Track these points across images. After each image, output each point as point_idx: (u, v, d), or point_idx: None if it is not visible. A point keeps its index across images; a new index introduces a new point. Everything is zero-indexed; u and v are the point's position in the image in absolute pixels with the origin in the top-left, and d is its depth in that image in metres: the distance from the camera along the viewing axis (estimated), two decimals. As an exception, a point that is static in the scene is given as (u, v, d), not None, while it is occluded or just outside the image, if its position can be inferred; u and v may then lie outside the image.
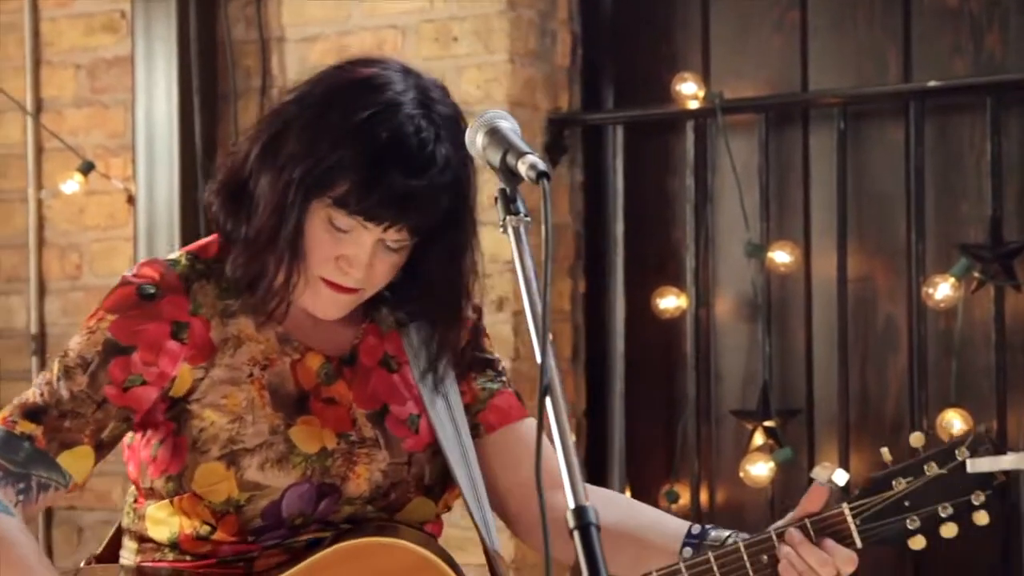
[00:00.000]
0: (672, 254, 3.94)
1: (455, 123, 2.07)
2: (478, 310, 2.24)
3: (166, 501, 2.11)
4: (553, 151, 3.97)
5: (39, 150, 4.39)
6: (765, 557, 2.07)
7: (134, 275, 2.11)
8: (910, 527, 2.07)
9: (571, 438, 1.72)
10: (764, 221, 3.81)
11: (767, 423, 3.75)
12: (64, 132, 4.32)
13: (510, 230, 1.84)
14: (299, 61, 4.11)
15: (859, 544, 2.07)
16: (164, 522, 2.12)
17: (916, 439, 2.12)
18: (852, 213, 3.75)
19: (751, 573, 2.06)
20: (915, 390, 3.66)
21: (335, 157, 2.02)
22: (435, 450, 2.13)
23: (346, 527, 2.09)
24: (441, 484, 2.15)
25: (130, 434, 2.14)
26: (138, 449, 2.14)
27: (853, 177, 3.75)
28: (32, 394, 2.08)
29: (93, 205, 4.33)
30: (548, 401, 1.72)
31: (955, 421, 3.51)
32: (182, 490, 2.09)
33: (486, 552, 2.12)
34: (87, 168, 4.25)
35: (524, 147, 1.88)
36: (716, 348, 3.88)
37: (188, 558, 2.10)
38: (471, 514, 2.13)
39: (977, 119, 3.66)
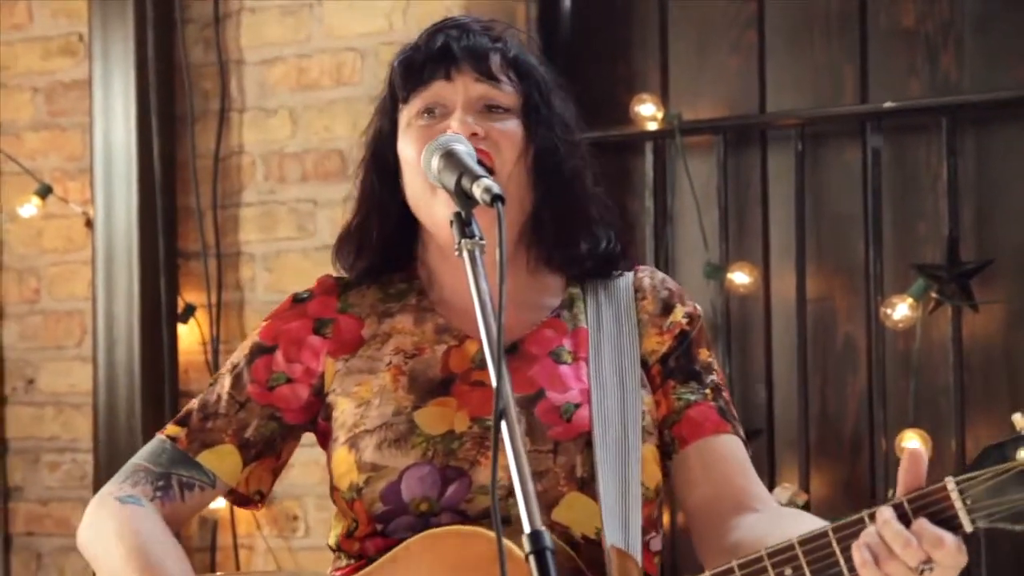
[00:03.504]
0: (632, 275, 3.94)
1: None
2: (693, 317, 2.16)
3: (336, 506, 2.11)
4: (512, 173, 3.96)
5: (-4, 174, 4.38)
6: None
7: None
8: None
9: (526, 464, 1.71)
10: (723, 242, 3.82)
11: (727, 444, 3.75)
12: (22, 155, 4.30)
13: (465, 253, 1.85)
14: (258, 83, 4.11)
15: (968, 527, 1.73)
16: (334, 527, 2.11)
17: None
18: (810, 234, 3.76)
19: (842, 563, 1.78)
20: (874, 410, 3.67)
21: (386, 86, 2.17)
22: (588, 442, 2.01)
23: (485, 525, 1.97)
24: (596, 479, 2.00)
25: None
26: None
27: (811, 198, 3.77)
28: (188, 404, 2.15)
29: (51, 229, 4.31)
30: (503, 426, 1.73)
31: (914, 441, 3.52)
32: (333, 488, 2.08)
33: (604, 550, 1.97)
34: (45, 192, 4.23)
35: (479, 170, 1.90)
36: (676, 369, 3.88)
37: (351, 562, 2.07)
38: (601, 508, 1.98)
39: (933, 140, 3.67)
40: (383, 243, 2.14)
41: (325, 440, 2.13)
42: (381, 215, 2.14)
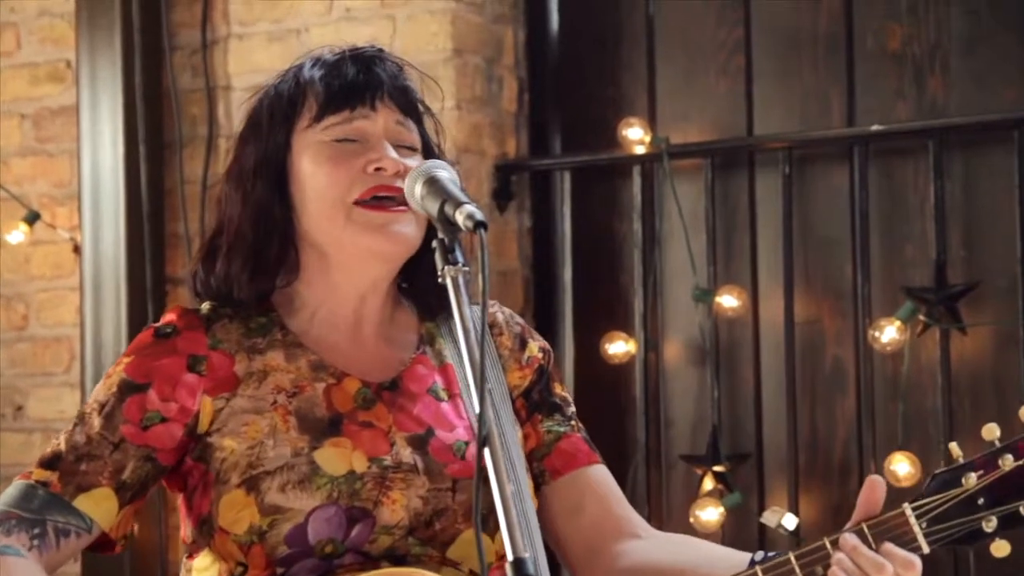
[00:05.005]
0: (620, 299, 3.95)
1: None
2: (546, 351, 2.19)
3: (207, 549, 2.03)
4: (501, 197, 3.97)
5: (-16, 200, 4.37)
6: (820, 568, 1.88)
7: (155, 322, 2.09)
8: (986, 529, 1.85)
9: (509, 489, 1.71)
10: (711, 265, 3.81)
11: (717, 468, 3.75)
12: (9, 182, 4.30)
13: (448, 280, 1.85)
14: (245, 109, 4.09)
15: (925, 549, 1.87)
16: (206, 570, 2.04)
17: (989, 431, 1.88)
18: (798, 257, 3.76)
19: None
20: (863, 433, 3.67)
21: (284, 101, 2.09)
22: (484, 478, 1.98)
23: (386, 566, 1.97)
24: (496, 517, 1.94)
25: (180, 496, 2.08)
26: (183, 505, 2.08)
27: (798, 221, 3.77)
28: (51, 445, 2.04)
29: (39, 255, 4.30)
30: (487, 452, 1.72)
31: (903, 464, 3.52)
32: (214, 530, 2.01)
33: None
34: (32, 218, 4.22)
35: (462, 197, 1.89)
36: (665, 393, 3.88)
37: None
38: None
39: (920, 162, 3.68)
40: (278, 265, 2.08)
41: (183, 482, 2.07)
42: (281, 234, 2.07)
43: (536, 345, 2.18)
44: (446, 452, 2.03)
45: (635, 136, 3.85)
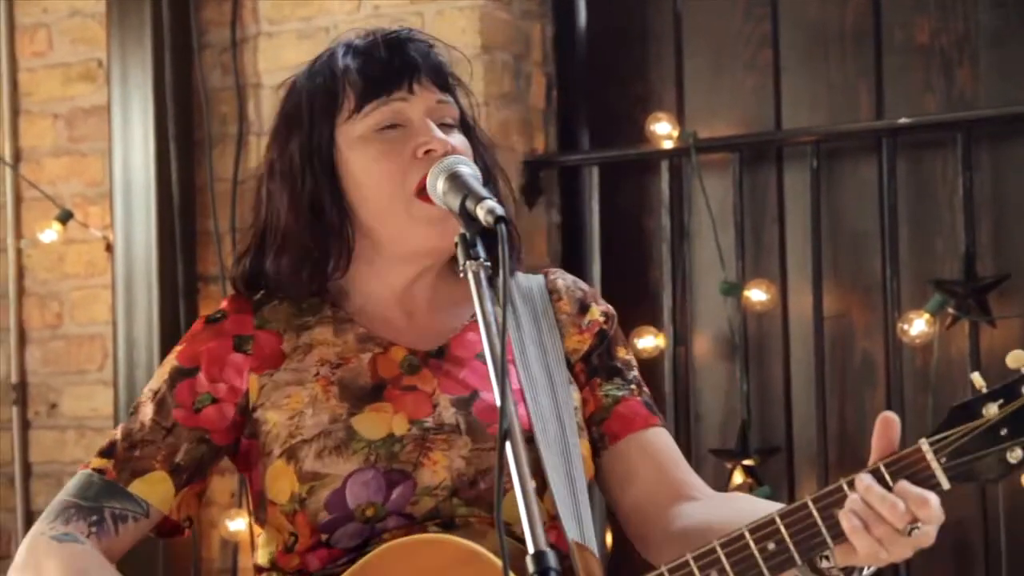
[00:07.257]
0: (649, 294, 3.95)
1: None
2: (609, 316, 2.17)
3: (265, 524, 2.07)
4: (529, 193, 3.98)
5: (18, 200, 4.40)
6: (837, 511, 1.80)
7: (205, 314, 2.15)
8: (1011, 460, 1.75)
9: (531, 484, 1.72)
10: (740, 259, 3.82)
11: (746, 462, 3.75)
12: (43, 182, 4.33)
13: (470, 274, 1.86)
14: (275, 107, 4.08)
15: (945, 485, 1.78)
16: (265, 544, 2.08)
17: (1015, 359, 1.79)
18: (827, 250, 3.76)
19: (825, 531, 1.80)
20: (892, 426, 3.66)
21: (322, 94, 2.09)
22: (530, 438, 2.00)
23: (434, 529, 1.98)
24: (544, 476, 1.98)
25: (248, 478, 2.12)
26: (249, 486, 2.12)
27: (827, 214, 3.77)
28: (109, 436, 2.10)
29: (72, 254, 4.34)
30: (508, 446, 1.73)
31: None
32: (266, 504, 2.05)
33: (566, 546, 1.97)
34: (65, 217, 4.26)
35: (483, 192, 1.91)
36: (694, 387, 3.89)
37: None
38: (555, 507, 1.98)
39: (949, 155, 3.67)
40: (331, 259, 2.08)
41: (245, 460, 2.10)
42: (336, 229, 2.07)
43: (599, 310, 2.17)
44: (490, 412, 2.03)
45: (663, 131, 3.86)
